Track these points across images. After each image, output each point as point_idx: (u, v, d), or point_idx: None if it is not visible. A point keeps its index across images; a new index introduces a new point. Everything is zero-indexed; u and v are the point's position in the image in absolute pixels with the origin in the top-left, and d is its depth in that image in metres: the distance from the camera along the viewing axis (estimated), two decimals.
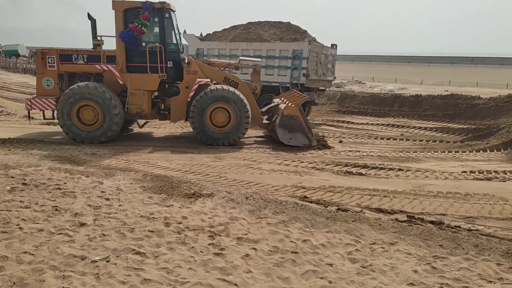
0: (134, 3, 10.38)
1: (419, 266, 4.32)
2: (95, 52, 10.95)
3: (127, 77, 10.59)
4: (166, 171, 8.08)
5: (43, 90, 10.95)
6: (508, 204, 6.72)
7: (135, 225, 5.06)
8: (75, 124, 10.30)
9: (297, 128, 10.76)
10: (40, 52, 10.86)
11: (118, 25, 10.45)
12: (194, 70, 11.07)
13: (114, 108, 10.29)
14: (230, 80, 11.44)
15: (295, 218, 5.51)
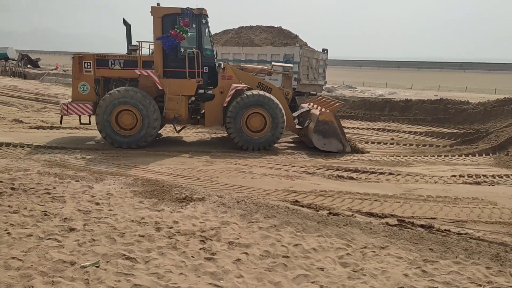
0: (173, 9, 10.52)
1: (409, 270, 4.34)
2: (131, 57, 11.06)
3: (165, 82, 10.68)
4: (157, 175, 8.04)
5: (79, 95, 10.96)
6: (497, 208, 6.79)
7: (125, 230, 5.02)
8: (113, 129, 10.39)
9: (331, 133, 10.90)
10: (77, 57, 10.91)
11: (156, 31, 10.58)
12: (229, 75, 11.22)
13: (153, 113, 10.39)
14: (264, 85, 11.61)
15: (286, 222, 5.51)
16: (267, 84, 11.64)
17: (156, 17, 10.51)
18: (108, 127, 10.35)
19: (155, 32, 10.58)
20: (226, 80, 11.16)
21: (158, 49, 10.61)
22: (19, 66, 34.30)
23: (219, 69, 11.16)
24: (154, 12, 10.53)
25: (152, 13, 10.52)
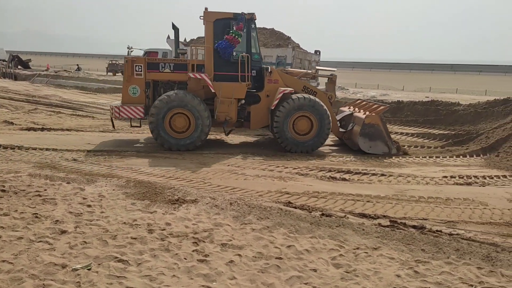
0: (225, 14, 10.73)
1: (401, 270, 4.37)
2: (181, 61, 11.24)
3: (218, 86, 10.82)
4: (150, 177, 8.00)
5: (129, 98, 11.08)
6: (487, 208, 6.85)
7: (117, 232, 4.99)
8: (166, 131, 10.51)
9: (377, 136, 11.03)
10: (130, 60, 11.01)
11: (208, 35, 10.81)
12: (275, 79, 11.38)
13: (206, 116, 10.58)
14: (309, 89, 11.73)
15: (279, 224, 5.52)
16: (312, 88, 11.82)
17: (208, 22, 10.73)
18: (162, 129, 10.48)
19: (206, 36, 10.83)
20: (272, 83, 11.36)
21: (209, 53, 10.83)
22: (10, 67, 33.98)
23: (265, 73, 11.38)
24: (206, 17, 10.74)
25: (204, 17, 10.74)
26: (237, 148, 11.38)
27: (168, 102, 10.43)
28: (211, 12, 10.72)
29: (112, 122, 11.89)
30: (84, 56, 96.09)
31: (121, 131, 13.45)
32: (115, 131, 13.10)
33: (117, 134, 12.95)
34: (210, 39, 10.79)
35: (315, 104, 10.94)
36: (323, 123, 10.96)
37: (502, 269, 4.45)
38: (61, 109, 17.62)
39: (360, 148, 11.08)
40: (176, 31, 11.78)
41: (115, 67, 46.02)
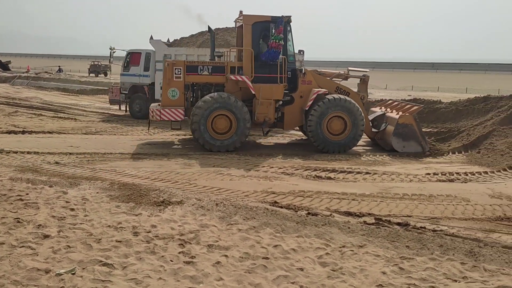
0: (263, 17, 11.12)
1: (387, 267, 4.41)
2: (219, 63, 11.57)
3: (257, 87, 11.01)
4: (134, 179, 7.92)
5: (169, 101, 11.27)
6: (470, 204, 6.97)
7: (102, 235, 4.92)
8: (208, 132, 10.70)
9: (411, 136, 11.11)
10: (171, 64, 11.28)
11: (246, 37, 11.09)
12: (309, 80, 11.60)
13: (247, 117, 10.83)
14: (342, 89, 11.89)
15: (265, 224, 5.52)
16: (345, 89, 11.98)
17: (247, 25, 11.05)
18: (205, 131, 10.68)
19: (245, 39, 11.08)
20: (306, 84, 11.57)
21: (249, 56, 11.05)
22: None
23: (299, 74, 11.56)
24: (246, 20, 11.08)
25: (243, 20, 11.10)
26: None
27: (212, 103, 10.68)
28: (250, 15, 11.08)
29: (149, 124, 12.15)
30: (66, 58, 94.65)
31: (104, 133, 13.29)
32: (111, 134, 12.93)
33: (100, 136, 12.79)
34: (249, 41, 11.06)
35: (349, 105, 11.12)
36: (357, 123, 11.14)
37: (485, 264, 4.53)
38: (42, 111, 17.33)
39: (393, 148, 11.15)
40: (212, 33, 12.04)
41: (97, 68, 45.49)
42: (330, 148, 11.11)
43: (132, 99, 17.06)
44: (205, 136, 10.70)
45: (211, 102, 10.70)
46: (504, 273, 4.31)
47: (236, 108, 10.75)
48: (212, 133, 10.75)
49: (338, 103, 11.08)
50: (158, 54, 16.55)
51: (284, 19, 10.88)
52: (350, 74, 12.85)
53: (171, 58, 16.23)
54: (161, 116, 11.20)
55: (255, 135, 13.59)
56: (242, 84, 11.20)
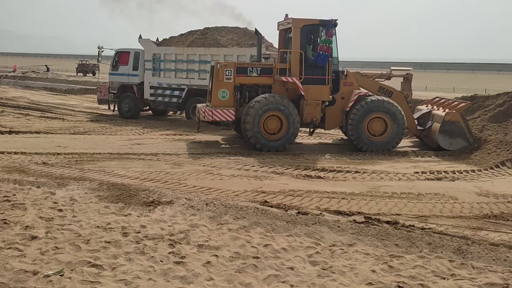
0: (311, 21, 11.45)
1: (376, 265, 4.44)
2: (267, 65, 11.93)
3: (306, 88, 11.23)
4: (123, 179, 7.86)
5: (219, 101, 11.46)
6: (457, 202, 7.06)
7: (90, 236, 4.87)
8: (260, 132, 10.93)
9: (458, 133, 11.12)
10: (224, 65, 11.49)
11: (295, 40, 11.35)
12: (350, 81, 11.76)
13: (297, 118, 11.07)
14: (385, 89, 12.06)
15: (256, 223, 5.52)
16: (388, 88, 12.09)
17: (296, 28, 11.32)
18: (257, 130, 10.91)
19: (294, 41, 11.36)
20: (347, 86, 11.72)
21: (297, 57, 11.30)
22: None
23: (341, 76, 11.75)
24: (295, 23, 11.36)
25: (293, 24, 11.37)
26: (212, 148, 11.32)
27: (265, 104, 10.92)
28: (299, 19, 11.40)
29: (198, 124, 12.27)
30: (53, 57, 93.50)
31: (92, 133, 13.18)
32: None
33: (88, 136, 12.68)
34: (297, 43, 11.32)
35: (389, 106, 11.25)
36: (398, 124, 11.24)
37: (473, 261, 4.58)
38: (29, 111, 17.11)
39: (439, 145, 11.17)
40: (259, 36, 12.25)
41: (85, 68, 45.05)
42: (370, 148, 11.23)
43: (121, 98, 16.95)
44: (258, 136, 10.93)
45: (265, 102, 10.94)
46: (491, 270, 4.36)
47: (288, 109, 11.02)
48: (264, 133, 10.99)
49: (379, 105, 11.27)
50: (147, 53, 16.45)
51: (331, 22, 11.18)
52: (392, 73, 12.94)
53: (160, 58, 16.19)
54: (213, 117, 11.35)
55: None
56: (290, 86, 11.43)
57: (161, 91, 16.25)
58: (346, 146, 12.00)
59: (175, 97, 16.03)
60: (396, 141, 11.37)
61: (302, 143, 12.63)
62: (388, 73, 12.96)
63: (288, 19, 11.78)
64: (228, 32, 16.25)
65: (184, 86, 15.79)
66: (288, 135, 11.08)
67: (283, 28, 12.31)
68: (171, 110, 17.42)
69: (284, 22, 12.06)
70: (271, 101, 10.98)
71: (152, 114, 18.04)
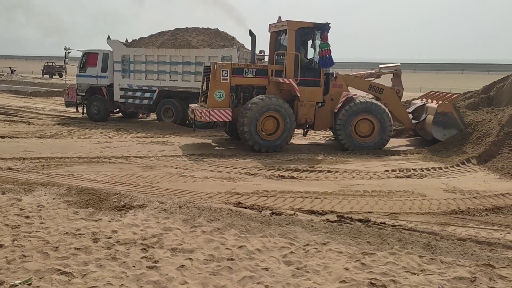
0: (306, 23, 11.63)
1: (349, 263, 4.50)
2: (263, 66, 12.09)
3: (301, 90, 11.43)
4: (93, 183, 7.68)
5: (215, 102, 11.42)
6: (426, 199, 7.25)
7: (59, 243, 4.73)
8: (258, 134, 11.02)
9: (451, 124, 11.28)
10: (221, 66, 11.45)
11: (290, 42, 11.50)
12: (339, 84, 11.98)
13: (293, 119, 11.25)
14: (375, 87, 12.25)
15: (230, 225, 5.50)
16: (378, 85, 12.26)
17: (291, 30, 11.45)
18: (254, 131, 11.00)
19: (289, 43, 11.50)
20: (337, 88, 11.92)
21: (291, 60, 11.48)
22: None
23: (331, 78, 11.94)
24: (290, 26, 11.49)
25: (288, 26, 11.49)
26: (184, 150, 11.22)
27: (262, 105, 11.01)
28: (294, 21, 11.56)
29: (194, 124, 12.42)
30: (17, 58, 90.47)
31: (60, 137, 12.82)
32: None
33: (56, 139, 12.32)
34: (292, 46, 11.47)
35: (376, 107, 11.46)
36: (384, 125, 11.43)
37: (442, 256, 4.72)
38: None
39: (434, 137, 11.38)
40: (253, 37, 12.26)
41: (52, 69, 43.80)
42: (359, 148, 11.38)
43: (89, 101, 16.58)
44: (256, 137, 11.02)
45: (262, 103, 11.03)
46: (459, 264, 4.50)
47: (285, 110, 11.16)
48: (261, 134, 11.11)
49: (365, 107, 11.45)
50: (116, 55, 16.15)
51: (326, 26, 11.41)
52: (381, 71, 13.13)
53: (129, 59, 15.92)
54: (210, 117, 11.35)
55: (219, 135, 13.54)
56: (286, 87, 11.60)
57: (132, 93, 16.01)
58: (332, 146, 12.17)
59: (146, 99, 15.82)
60: (383, 142, 11.59)
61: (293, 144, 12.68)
62: (377, 71, 13.19)
63: (283, 22, 11.95)
64: (199, 33, 16.16)
65: (155, 87, 15.61)
66: (284, 136, 11.23)
67: (275, 30, 12.46)
68: (142, 112, 17.18)
69: (277, 24, 12.22)
70: (268, 102, 11.10)
71: (122, 117, 17.73)
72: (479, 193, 7.61)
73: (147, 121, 16.99)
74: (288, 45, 11.61)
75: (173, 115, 15.38)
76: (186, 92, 15.35)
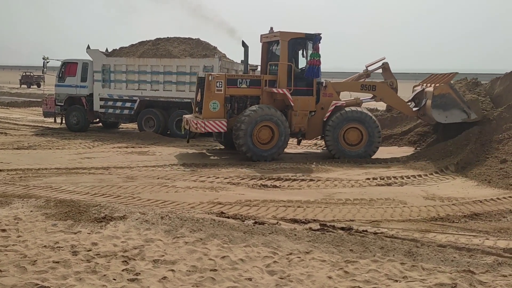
0: (298, 34, 11.84)
1: (333, 272, 4.51)
2: (256, 77, 12.17)
3: (295, 99, 11.53)
4: (72, 195, 7.53)
5: (210, 113, 11.47)
6: (406, 206, 7.35)
7: (37, 256, 4.61)
8: (254, 144, 11.09)
9: (451, 105, 11.10)
10: (215, 77, 11.53)
11: (283, 53, 11.72)
12: (330, 92, 12.09)
13: (287, 128, 11.37)
14: (367, 85, 12.41)
15: (212, 235, 5.45)
16: (369, 83, 12.45)
17: (284, 41, 11.67)
18: (250, 141, 11.05)
19: (282, 54, 11.72)
20: (327, 97, 12.05)
21: (284, 70, 11.66)
22: None
23: (321, 87, 12.05)
24: (282, 36, 11.71)
25: (280, 37, 11.72)
26: (166, 160, 11.12)
27: (257, 115, 11.11)
28: (286, 32, 11.75)
29: (189, 135, 12.45)
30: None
31: (38, 148, 12.55)
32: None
33: (34, 150, 12.06)
34: (285, 56, 11.69)
35: (364, 117, 11.54)
36: (373, 135, 11.50)
37: (423, 263, 4.77)
38: None
39: (437, 121, 11.32)
40: (246, 48, 12.34)
41: (30, 79, 43.05)
42: (347, 156, 11.43)
43: (68, 111, 16.32)
44: (251, 147, 11.11)
45: (257, 114, 11.14)
46: (440, 271, 4.56)
47: (279, 120, 11.28)
48: (256, 143, 11.19)
49: (353, 116, 11.54)
50: (96, 64, 15.98)
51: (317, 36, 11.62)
52: (369, 70, 13.08)
53: (110, 69, 15.77)
54: (206, 128, 11.41)
55: (202, 146, 13.48)
56: (279, 97, 11.74)
57: (112, 102, 15.83)
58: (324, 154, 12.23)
59: (126, 109, 15.66)
60: (373, 150, 11.67)
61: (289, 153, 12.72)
62: (365, 72, 13.15)
63: (275, 32, 12.12)
64: (181, 43, 16.14)
65: (136, 97, 15.48)
66: (280, 144, 11.36)
67: (266, 41, 12.60)
68: (122, 122, 17.00)
69: (269, 35, 12.37)
70: (261, 112, 11.22)
71: (102, 127, 17.49)
72: (458, 200, 7.76)
73: (128, 131, 16.81)
74: (280, 55, 11.82)
75: (154, 124, 15.25)
76: (167, 102, 15.28)
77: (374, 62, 13.17)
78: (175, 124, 14.91)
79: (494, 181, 8.89)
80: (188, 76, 14.85)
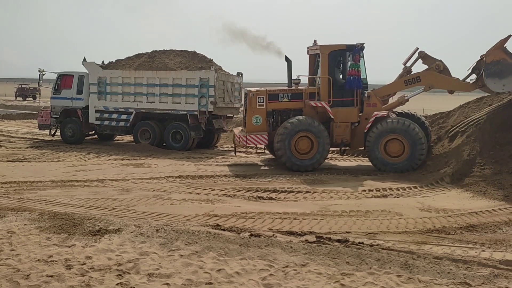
0: (339, 46, 12.03)
1: (329, 284, 4.49)
2: (297, 90, 12.34)
3: (335, 111, 11.73)
4: (67, 208, 7.48)
5: (253, 127, 11.96)
6: (402, 218, 7.34)
7: (30, 270, 4.55)
8: (292, 152, 11.31)
9: (507, 71, 10.39)
10: (256, 93, 11.91)
11: (323, 66, 11.91)
12: (374, 102, 12.01)
13: (327, 139, 11.48)
14: (411, 79, 12.05)
15: (208, 248, 5.42)
16: (412, 76, 12.06)
17: (324, 54, 11.87)
18: (289, 152, 11.31)
19: (322, 67, 11.92)
20: (371, 107, 11.95)
21: (325, 82, 11.85)
22: None
23: (364, 97, 12.05)
24: (322, 50, 11.92)
25: (320, 50, 11.93)
26: (161, 172, 11.08)
27: (296, 126, 11.38)
28: (326, 45, 12.00)
29: (235, 148, 13.32)
30: None
31: (33, 160, 12.49)
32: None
33: (28, 163, 12.00)
34: (325, 69, 11.89)
35: (407, 129, 11.24)
36: (415, 148, 11.15)
37: (419, 275, 4.76)
38: None
39: (494, 92, 10.73)
40: (289, 63, 12.43)
41: (25, 92, 43.02)
42: (388, 168, 11.27)
43: (64, 123, 16.30)
44: (289, 156, 11.33)
45: (296, 124, 11.40)
46: (436, 283, 4.54)
47: (318, 131, 11.42)
48: (295, 153, 11.38)
49: (396, 126, 11.28)
50: (92, 77, 16.02)
51: (358, 47, 11.70)
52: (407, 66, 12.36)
53: (106, 81, 15.80)
54: (247, 142, 11.93)
55: (195, 157, 13.46)
56: (320, 109, 11.87)
57: (108, 115, 15.84)
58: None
59: (122, 121, 15.66)
60: (416, 162, 11.21)
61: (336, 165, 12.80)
62: (405, 70, 12.38)
63: (316, 45, 12.28)
64: (176, 55, 16.23)
65: (131, 109, 15.50)
66: (319, 155, 11.48)
67: (312, 53, 12.77)
68: (118, 134, 16.97)
69: (313, 47, 12.58)
70: (302, 122, 11.44)
71: (98, 139, 17.44)
72: (453, 211, 7.77)
73: (123, 143, 16.77)
74: (321, 68, 12.06)
75: (150, 137, 15.25)
76: (163, 114, 15.31)
77: (409, 57, 12.48)
78: (171, 136, 14.93)
79: (489, 192, 8.92)
80: (184, 88, 14.90)
